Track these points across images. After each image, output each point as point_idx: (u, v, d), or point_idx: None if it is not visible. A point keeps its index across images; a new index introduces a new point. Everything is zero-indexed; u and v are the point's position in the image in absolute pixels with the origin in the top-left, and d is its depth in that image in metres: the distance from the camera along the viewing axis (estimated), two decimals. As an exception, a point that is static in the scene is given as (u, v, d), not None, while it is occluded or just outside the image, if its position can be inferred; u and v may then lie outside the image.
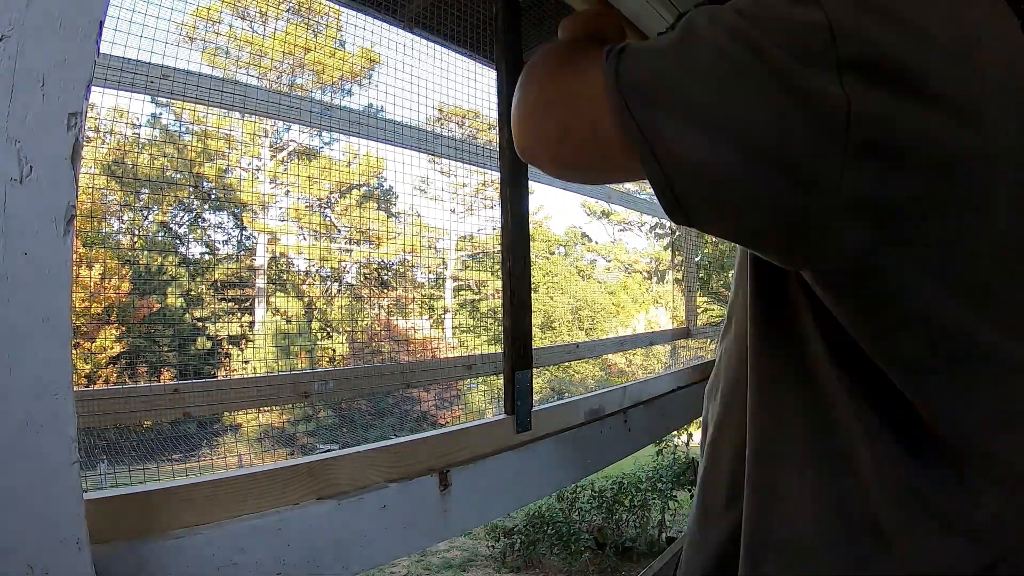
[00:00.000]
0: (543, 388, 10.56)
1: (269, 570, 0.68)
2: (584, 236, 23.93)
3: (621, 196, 3.54)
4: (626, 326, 19.47)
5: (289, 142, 11.78)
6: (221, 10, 1.99)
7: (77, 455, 0.48)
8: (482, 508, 1.00)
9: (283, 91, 1.87)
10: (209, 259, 11.38)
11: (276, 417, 2.27)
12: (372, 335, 6.92)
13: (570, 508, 6.84)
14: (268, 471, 0.73)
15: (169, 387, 1.36)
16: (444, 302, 11.84)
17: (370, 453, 0.85)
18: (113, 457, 1.38)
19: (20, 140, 0.45)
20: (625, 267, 22.27)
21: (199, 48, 1.85)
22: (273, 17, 2.16)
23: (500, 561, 6.63)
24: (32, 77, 0.45)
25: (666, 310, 18.12)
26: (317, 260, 10.45)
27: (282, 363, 3.69)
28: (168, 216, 11.71)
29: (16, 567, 0.44)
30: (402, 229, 7.58)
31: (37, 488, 0.45)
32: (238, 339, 9.40)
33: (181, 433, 1.62)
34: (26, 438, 0.45)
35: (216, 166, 7.49)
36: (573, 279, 20.94)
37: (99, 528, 0.55)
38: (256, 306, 9.77)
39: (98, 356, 8.53)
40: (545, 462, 1.16)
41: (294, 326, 9.37)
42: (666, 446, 7.62)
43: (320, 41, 2.18)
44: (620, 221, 22.57)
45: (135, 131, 1.50)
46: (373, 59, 1.85)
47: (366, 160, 6.02)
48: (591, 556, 6.38)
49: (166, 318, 7.87)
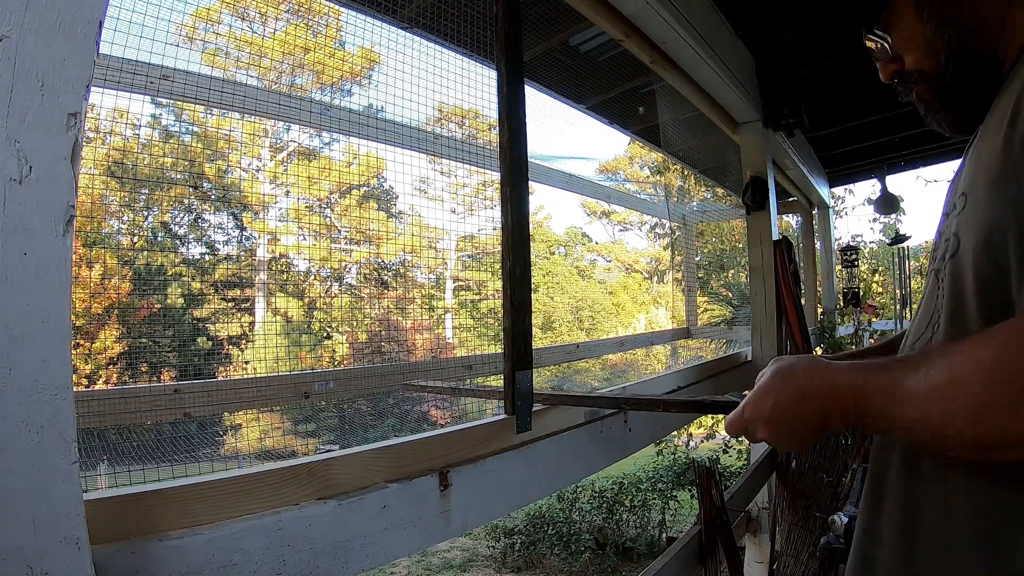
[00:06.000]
0: (543, 388, 10.52)
1: (269, 570, 0.68)
2: (584, 236, 23.93)
3: (621, 196, 3.54)
4: (626, 326, 19.45)
5: (289, 142, 11.78)
6: (221, 11, 1.99)
7: (77, 455, 0.48)
8: (482, 508, 1.00)
9: (283, 91, 1.87)
10: (209, 259, 11.38)
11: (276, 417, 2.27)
12: (372, 335, 6.92)
13: (570, 508, 6.84)
14: (268, 471, 0.73)
15: (169, 387, 1.37)
16: (444, 302, 11.84)
17: (370, 453, 0.85)
18: (113, 457, 1.37)
19: (20, 140, 0.45)
20: (625, 267, 22.26)
21: (199, 49, 1.85)
22: (273, 17, 2.15)
23: (500, 561, 6.63)
24: (32, 77, 0.45)
25: (666, 310, 18.11)
26: (317, 260, 10.45)
27: (283, 363, 3.69)
28: (168, 216, 11.72)
29: (16, 567, 0.44)
30: (402, 229, 7.58)
31: (37, 488, 0.45)
32: (238, 339, 9.40)
33: (181, 433, 1.62)
34: (26, 438, 0.45)
35: (216, 166, 7.49)
36: (573, 279, 20.93)
37: (99, 528, 0.55)
38: (256, 306, 9.78)
39: (98, 356, 8.53)
40: (545, 462, 1.16)
41: (294, 326, 9.37)
42: (666, 446, 7.61)
43: (320, 41, 2.18)
44: (620, 221, 22.56)
45: (135, 131, 1.50)
46: (373, 59, 1.85)
47: (366, 160, 6.03)
48: (591, 556, 6.37)
49: (166, 318, 7.86)
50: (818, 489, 2.52)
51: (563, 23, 2.09)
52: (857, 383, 0.53)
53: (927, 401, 0.48)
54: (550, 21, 2.07)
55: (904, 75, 0.71)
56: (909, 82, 0.71)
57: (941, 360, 0.48)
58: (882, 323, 5.51)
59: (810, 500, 2.52)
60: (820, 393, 0.55)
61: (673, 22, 1.77)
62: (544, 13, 2.01)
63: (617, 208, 19.22)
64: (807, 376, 0.57)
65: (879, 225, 9.24)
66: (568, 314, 19.43)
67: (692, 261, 4.09)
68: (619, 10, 1.72)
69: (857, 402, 0.53)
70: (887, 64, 0.72)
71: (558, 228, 23.41)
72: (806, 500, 2.52)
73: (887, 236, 7.66)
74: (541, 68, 2.43)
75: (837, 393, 0.54)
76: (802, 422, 0.57)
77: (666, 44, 1.93)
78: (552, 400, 1.21)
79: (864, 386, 0.53)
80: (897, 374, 0.51)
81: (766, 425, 0.60)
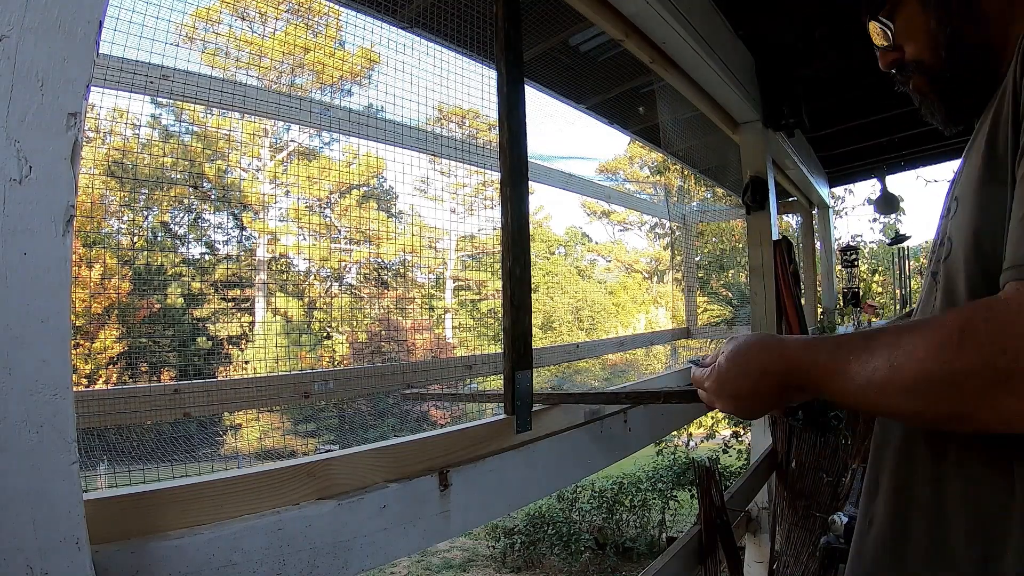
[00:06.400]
0: (543, 388, 10.52)
1: (269, 570, 0.68)
2: (584, 236, 23.94)
3: (621, 196, 3.54)
4: (626, 326, 19.46)
5: (289, 142, 11.78)
6: (221, 11, 1.99)
7: (77, 455, 0.48)
8: (482, 508, 1.00)
9: (283, 91, 1.87)
10: (209, 259, 11.38)
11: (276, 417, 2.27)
12: (372, 335, 6.92)
13: (570, 508, 6.83)
14: (268, 471, 0.73)
15: (169, 387, 1.37)
16: (444, 302, 11.84)
17: (370, 453, 0.85)
18: (113, 457, 1.37)
19: (20, 140, 0.45)
20: (625, 267, 22.26)
21: (199, 48, 1.85)
22: (273, 17, 2.15)
23: (500, 561, 6.63)
24: (32, 77, 0.45)
25: (666, 310, 18.11)
26: (317, 260, 10.45)
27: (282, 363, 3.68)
28: (168, 216, 11.72)
29: (16, 567, 0.44)
30: (402, 229, 7.58)
31: (37, 488, 0.45)
32: (238, 339, 9.40)
33: (181, 433, 1.62)
34: (26, 438, 0.45)
35: (216, 166, 7.49)
36: (573, 279, 20.93)
37: (99, 528, 0.55)
38: (256, 306, 9.78)
39: (98, 356, 8.53)
40: (545, 462, 1.16)
41: (294, 326, 9.37)
42: (666, 446, 7.61)
43: (320, 41, 2.18)
44: (620, 221, 22.56)
45: (135, 131, 1.50)
46: (373, 59, 1.85)
47: (366, 160, 6.02)
48: (591, 556, 6.37)
49: (166, 318, 7.86)
50: (818, 489, 2.52)
51: (563, 23, 2.09)
52: (806, 363, 0.57)
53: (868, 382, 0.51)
54: (550, 21, 2.07)
55: (903, 65, 0.71)
56: (907, 72, 0.71)
57: (883, 343, 0.51)
58: (882, 323, 5.51)
59: (810, 500, 2.52)
60: (778, 372, 0.59)
61: (673, 22, 1.77)
62: (544, 13, 2.01)
63: (617, 208, 19.22)
64: (764, 354, 0.60)
65: (879, 225, 9.26)
66: (568, 314, 19.43)
67: (692, 261, 4.09)
68: (619, 10, 1.72)
69: (809, 380, 0.57)
70: (887, 52, 0.72)
71: (558, 228, 23.46)
72: (806, 500, 2.53)
73: (887, 236, 7.66)
74: (541, 68, 2.43)
75: (795, 371, 0.58)
76: (759, 396, 0.61)
77: (666, 44, 1.93)
78: (552, 400, 1.21)
79: (810, 366, 0.56)
80: (841, 354, 0.54)
81: (728, 400, 0.64)
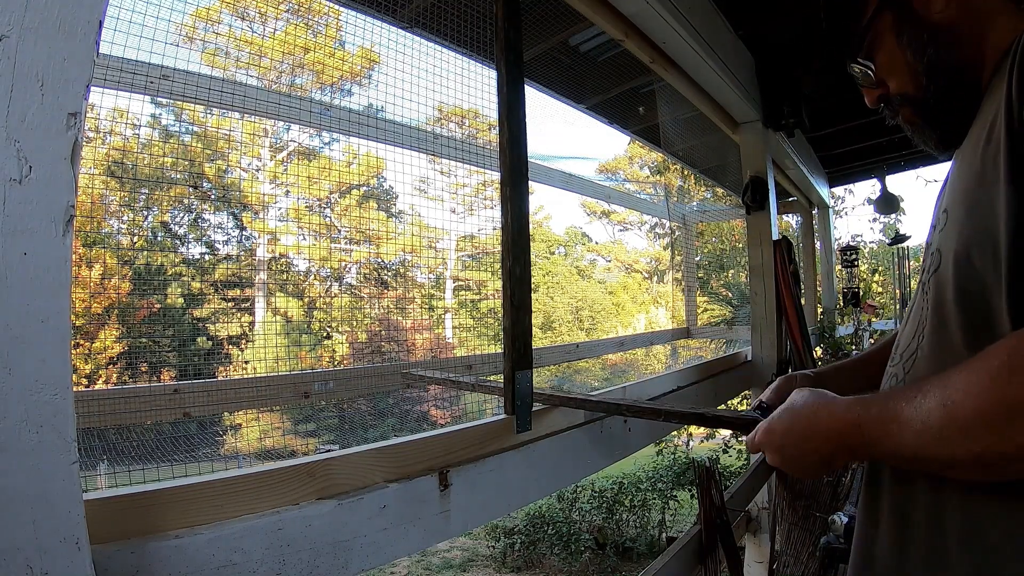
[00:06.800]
0: (543, 388, 10.53)
1: (269, 570, 0.68)
2: (584, 236, 23.93)
3: (621, 196, 3.54)
4: (626, 326, 19.46)
5: (289, 142, 11.78)
6: (221, 11, 1.99)
7: (77, 455, 0.48)
8: (482, 508, 1.00)
9: (283, 91, 1.87)
10: (209, 259, 11.38)
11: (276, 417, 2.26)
12: (372, 335, 6.92)
13: (570, 508, 6.84)
14: (268, 471, 0.73)
15: (169, 387, 1.37)
16: (444, 302, 11.83)
17: (370, 453, 0.85)
18: (113, 457, 1.37)
19: (20, 140, 0.45)
20: (625, 267, 22.26)
21: (199, 48, 1.84)
22: (273, 17, 2.15)
23: (500, 561, 6.63)
24: (32, 77, 0.45)
25: (666, 310, 18.11)
26: (317, 260, 10.45)
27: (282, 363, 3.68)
28: (168, 216, 11.72)
29: (16, 567, 0.44)
30: (402, 229, 7.58)
31: (37, 488, 0.45)
32: (238, 339, 9.40)
33: (181, 433, 1.62)
34: (26, 438, 0.45)
35: (216, 166, 7.50)
36: (573, 279, 20.93)
37: (99, 528, 0.55)
38: (256, 306, 9.78)
39: (98, 356, 8.53)
40: (545, 462, 1.16)
41: (294, 326, 9.37)
42: (666, 446, 7.61)
43: (320, 41, 2.18)
44: (620, 221, 22.55)
45: (135, 131, 1.50)
46: (373, 59, 1.85)
47: (366, 160, 6.02)
48: (591, 556, 6.37)
49: (166, 318, 7.86)
50: (818, 489, 2.52)
51: (563, 23, 2.09)
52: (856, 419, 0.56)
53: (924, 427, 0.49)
54: (550, 21, 2.07)
55: (889, 99, 0.73)
56: (894, 106, 0.72)
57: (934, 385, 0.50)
58: (882, 323, 5.51)
59: (810, 500, 2.52)
60: (823, 434, 0.59)
61: (673, 22, 1.77)
62: (544, 13, 2.01)
63: (617, 208, 19.22)
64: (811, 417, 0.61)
65: (879, 225, 9.26)
66: (568, 314, 19.43)
67: (692, 261, 4.09)
68: (619, 10, 1.72)
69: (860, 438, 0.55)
70: (872, 90, 0.74)
71: (558, 228, 23.45)
72: (806, 500, 2.52)
73: (887, 236, 7.66)
74: (541, 68, 2.43)
75: (839, 433, 0.57)
76: (806, 458, 0.61)
77: (666, 44, 1.93)
78: (552, 401, 1.21)
79: (862, 421, 0.55)
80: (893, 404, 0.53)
81: (775, 453, 0.65)
